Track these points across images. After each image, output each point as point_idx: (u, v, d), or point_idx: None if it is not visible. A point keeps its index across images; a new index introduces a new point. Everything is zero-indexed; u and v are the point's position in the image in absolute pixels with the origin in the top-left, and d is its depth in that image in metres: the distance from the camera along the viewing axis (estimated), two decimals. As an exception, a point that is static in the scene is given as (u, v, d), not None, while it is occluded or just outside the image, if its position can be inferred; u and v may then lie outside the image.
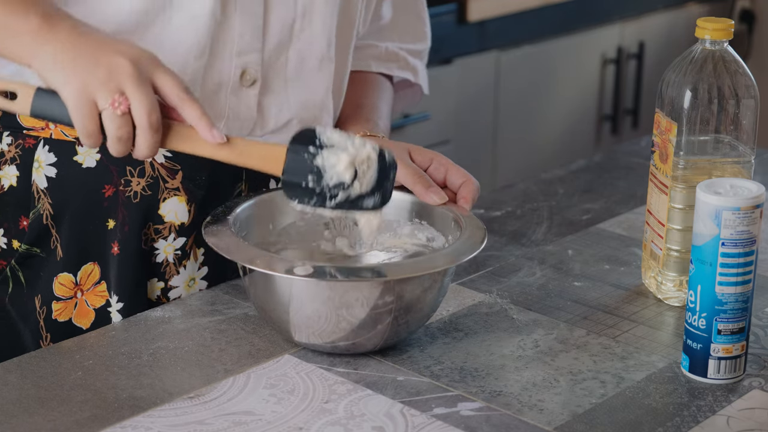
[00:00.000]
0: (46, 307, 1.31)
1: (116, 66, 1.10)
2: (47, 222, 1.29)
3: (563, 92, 3.05)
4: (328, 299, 1.12)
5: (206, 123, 1.12)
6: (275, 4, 1.28)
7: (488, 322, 1.25)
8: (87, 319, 1.31)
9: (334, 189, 1.13)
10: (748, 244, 1.10)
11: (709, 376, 1.13)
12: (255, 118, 1.31)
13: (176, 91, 1.11)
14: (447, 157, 1.31)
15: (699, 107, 1.23)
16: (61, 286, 1.31)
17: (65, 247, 1.30)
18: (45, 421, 1.04)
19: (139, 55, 1.11)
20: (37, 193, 1.29)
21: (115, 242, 1.29)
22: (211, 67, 1.27)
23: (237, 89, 1.29)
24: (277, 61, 1.31)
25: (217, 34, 1.26)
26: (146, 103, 1.09)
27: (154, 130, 1.10)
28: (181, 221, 1.31)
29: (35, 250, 1.31)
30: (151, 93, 1.10)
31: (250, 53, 1.28)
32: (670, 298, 1.29)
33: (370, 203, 1.14)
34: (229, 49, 1.27)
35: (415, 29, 1.54)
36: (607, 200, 1.59)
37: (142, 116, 1.10)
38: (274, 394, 1.10)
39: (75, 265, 1.30)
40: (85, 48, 1.11)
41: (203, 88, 1.27)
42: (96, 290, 1.31)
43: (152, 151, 1.12)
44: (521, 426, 1.06)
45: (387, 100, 1.50)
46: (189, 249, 1.32)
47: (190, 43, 1.24)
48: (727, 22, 1.22)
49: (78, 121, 1.10)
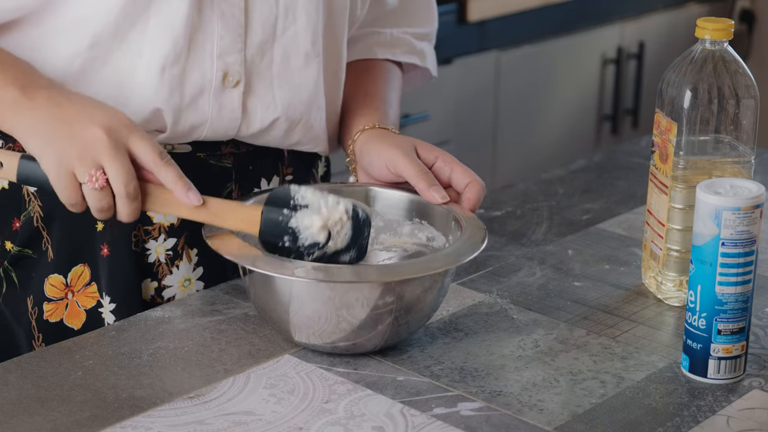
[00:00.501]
0: (38, 308, 1.31)
1: (91, 139, 1.15)
2: (38, 224, 1.30)
3: (563, 92, 3.05)
4: (329, 299, 1.12)
5: (182, 186, 1.17)
6: (256, 3, 1.27)
7: (488, 322, 1.25)
8: (78, 319, 1.31)
9: (309, 248, 1.16)
10: (748, 244, 1.10)
11: (709, 376, 1.13)
12: (240, 120, 1.30)
13: (151, 156, 1.16)
14: (453, 156, 1.31)
15: (699, 107, 1.23)
16: (51, 287, 1.31)
17: (56, 248, 1.30)
18: (45, 421, 1.04)
19: (114, 124, 1.16)
20: (27, 195, 1.30)
21: (104, 244, 1.30)
22: (191, 70, 1.26)
23: (219, 91, 1.28)
24: (261, 61, 1.30)
25: (195, 38, 1.25)
26: (122, 175, 1.15)
27: (132, 198, 1.16)
28: (171, 222, 1.31)
29: (27, 251, 1.31)
30: (127, 162, 1.16)
31: (230, 54, 1.28)
32: (670, 298, 1.29)
33: (347, 258, 1.17)
34: (209, 51, 1.26)
35: (421, 12, 1.52)
36: (607, 200, 1.59)
37: (119, 187, 1.15)
38: (274, 394, 1.10)
39: (66, 266, 1.31)
40: (60, 120, 1.17)
41: (184, 92, 1.26)
42: (86, 291, 1.31)
43: (133, 217, 1.18)
44: (521, 426, 1.06)
45: (395, 87, 1.48)
46: (181, 249, 1.32)
47: (166, 50, 1.24)
48: (727, 22, 1.22)
49: (60, 192, 1.17)
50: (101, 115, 1.16)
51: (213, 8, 1.25)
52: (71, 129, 1.16)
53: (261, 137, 1.32)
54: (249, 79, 1.29)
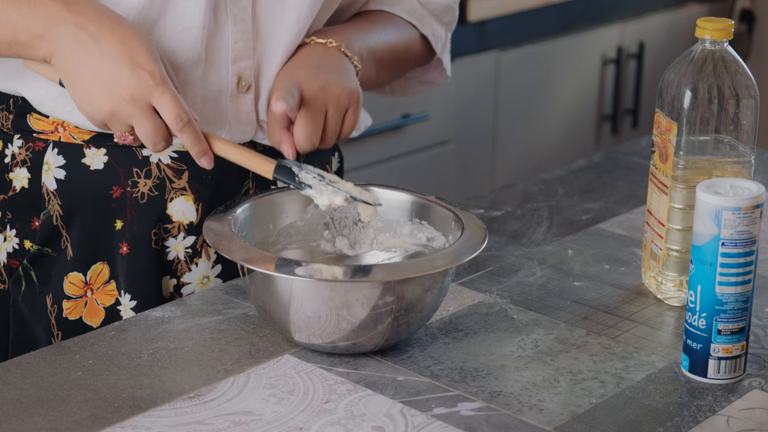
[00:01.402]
0: (57, 306, 1.32)
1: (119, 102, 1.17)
2: (57, 223, 1.30)
3: (563, 92, 3.05)
4: (329, 299, 1.12)
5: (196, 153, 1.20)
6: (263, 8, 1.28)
7: (488, 322, 1.25)
8: (97, 317, 1.32)
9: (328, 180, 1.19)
10: (748, 244, 1.10)
11: (709, 376, 1.13)
12: (255, 123, 1.31)
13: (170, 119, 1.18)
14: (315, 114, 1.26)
15: (699, 107, 1.23)
16: (71, 285, 1.31)
17: (75, 247, 1.31)
18: (45, 421, 1.04)
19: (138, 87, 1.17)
20: (47, 194, 1.30)
21: (123, 242, 1.30)
22: (210, 75, 1.28)
23: (235, 96, 1.30)
24: (269, 67, 1.31)
25: (212, 43, 1.27)
26: (150, 137, 1.19)
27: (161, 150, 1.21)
28: (190, 220, 1.32)
29: (46, 250, 1.32)
30: (154, 122, 1.18)
31: (243, 60, 1.29)
32: (670, 298, 1.29)
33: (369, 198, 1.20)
34: (224, 57, 1.28)
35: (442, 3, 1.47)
36: (607, 200, 1.59)
37: (149, 147, 1.20)
38: (274, 394, 1.10)
39: (85, 264, 1.31)
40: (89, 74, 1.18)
41: (205, 95, 1.28)
42: (105, 289, 1.32)
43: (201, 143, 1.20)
44: (521, 426, 1.06)
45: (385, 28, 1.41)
46: (200, 247, 1.33)
47: (186, 54, 1.25)
48: (727, 22, 1.22)
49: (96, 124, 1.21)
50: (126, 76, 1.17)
51: (227, 14, 1.26)
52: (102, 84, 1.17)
53: None
54: (258, 84, 1.30)
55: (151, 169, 1.30)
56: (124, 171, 1.30)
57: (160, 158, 1.30)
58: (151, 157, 1.30)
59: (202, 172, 1.31)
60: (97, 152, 1.30)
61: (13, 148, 1.31)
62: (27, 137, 1.31)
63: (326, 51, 1.32)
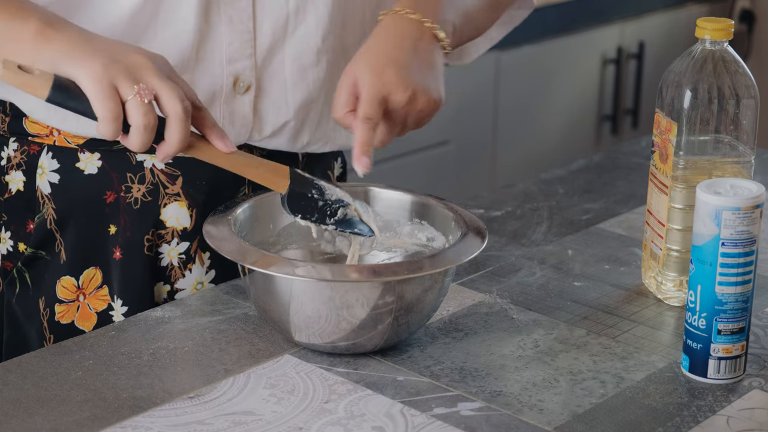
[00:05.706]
0: (50, 309, 1.32)
1: (135, 62, 1.09)
2: (51, 227, 1.30)
3: (563, 92, 3.05)
4: (329, 299, 1.12)
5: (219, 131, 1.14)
6: (265, 6, 1.27)
7: (488, 322, 1.25)
8: (89, 322, 1.32)
9: (335, 204, 1.18)
10: (748, 244, 1.10)
11: (709, 376, 1.13)
12: (251, 124, 1.30)
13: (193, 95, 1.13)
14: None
15: (699, 107, 1.23)
16: (63, 289, 1.31)
17: (69, 251, 1.30)
18: (45, 421, 1.04)
19: (155, 57, 1.12)
20: (41, 198, 1.30)
21: (117, 247, 1.30)
22: (202, 77, 1.26)
23: (230, 97, 1.28)
24: (271, 64, 1.30)
25: (204, 46, 1.25)
26: (176, 94, 1.09)
27: (186, 117, 1.09)
28: (184, 226, 1.31)
29: (40, 252, 1.31)
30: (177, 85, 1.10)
31: (240, 60, 1.27)
32: (670, 298, 1.29)
33: (365, 230, 1.20)
34: (218, 58, 1.26)
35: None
36: (607, 200, 1.59)
37: (174, 105, 1.09)
38: (274, 394, 1.10)
39: (78, 269, 1.31)
40: (98, 44, 1.11)
41: None
42: (98, 294, 1.31)
43: (182, 144, 1.10)
44: (521, 426, 1.06)
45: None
46: (194, 253, 1.32)
47: (175, 58, 1.24)
48: (727, 22, 1.22)
49: (100, 104, 1.07)
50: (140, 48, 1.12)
51: (221, 16, 1.25)
52: (112, 53, 1.09)
53: (271, 142, 1.32)
54: (260, 83, 1.29)
55: (144, 174, 1.29)
56: (118, 176, 1.29)
57: (154, 163, 1.29)
58: (145, 162, 1.29)
59: (196, 178, 1.31)
60: (91, 157, 1.29)
61: (9, 151, 1.31)
62: (22, 140, 1.30)
63: (419, 38, 1.21)
